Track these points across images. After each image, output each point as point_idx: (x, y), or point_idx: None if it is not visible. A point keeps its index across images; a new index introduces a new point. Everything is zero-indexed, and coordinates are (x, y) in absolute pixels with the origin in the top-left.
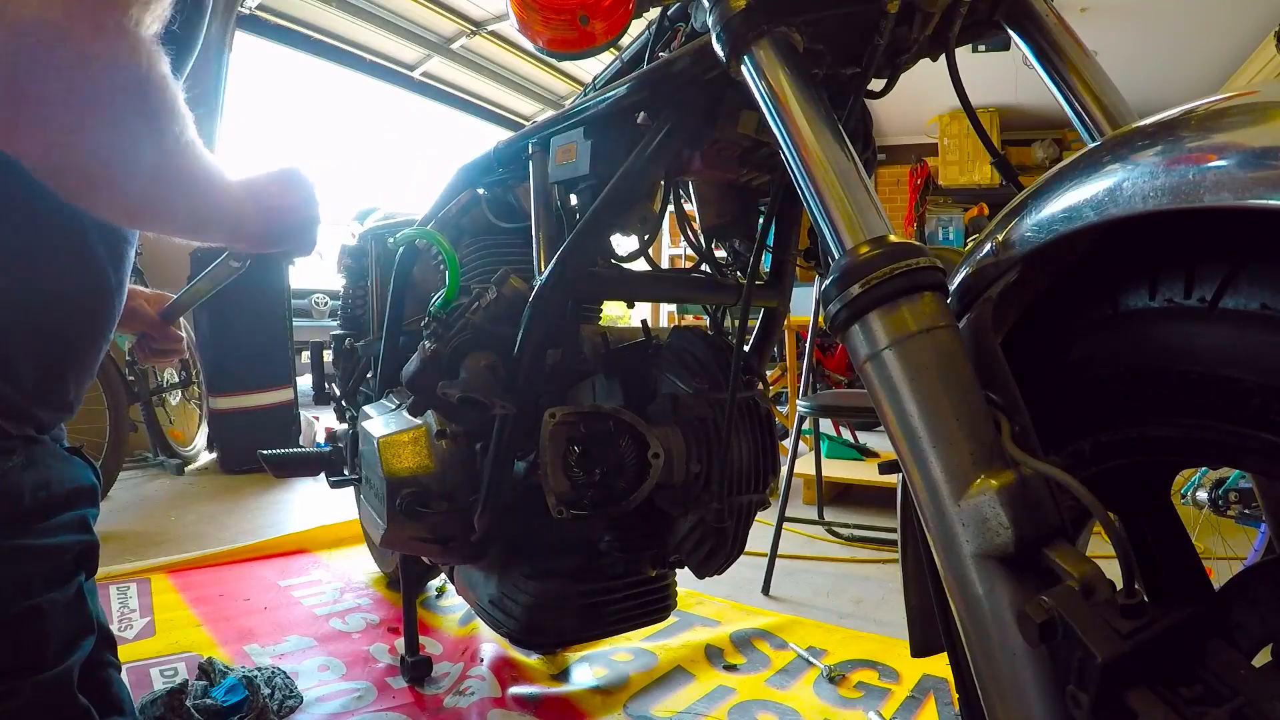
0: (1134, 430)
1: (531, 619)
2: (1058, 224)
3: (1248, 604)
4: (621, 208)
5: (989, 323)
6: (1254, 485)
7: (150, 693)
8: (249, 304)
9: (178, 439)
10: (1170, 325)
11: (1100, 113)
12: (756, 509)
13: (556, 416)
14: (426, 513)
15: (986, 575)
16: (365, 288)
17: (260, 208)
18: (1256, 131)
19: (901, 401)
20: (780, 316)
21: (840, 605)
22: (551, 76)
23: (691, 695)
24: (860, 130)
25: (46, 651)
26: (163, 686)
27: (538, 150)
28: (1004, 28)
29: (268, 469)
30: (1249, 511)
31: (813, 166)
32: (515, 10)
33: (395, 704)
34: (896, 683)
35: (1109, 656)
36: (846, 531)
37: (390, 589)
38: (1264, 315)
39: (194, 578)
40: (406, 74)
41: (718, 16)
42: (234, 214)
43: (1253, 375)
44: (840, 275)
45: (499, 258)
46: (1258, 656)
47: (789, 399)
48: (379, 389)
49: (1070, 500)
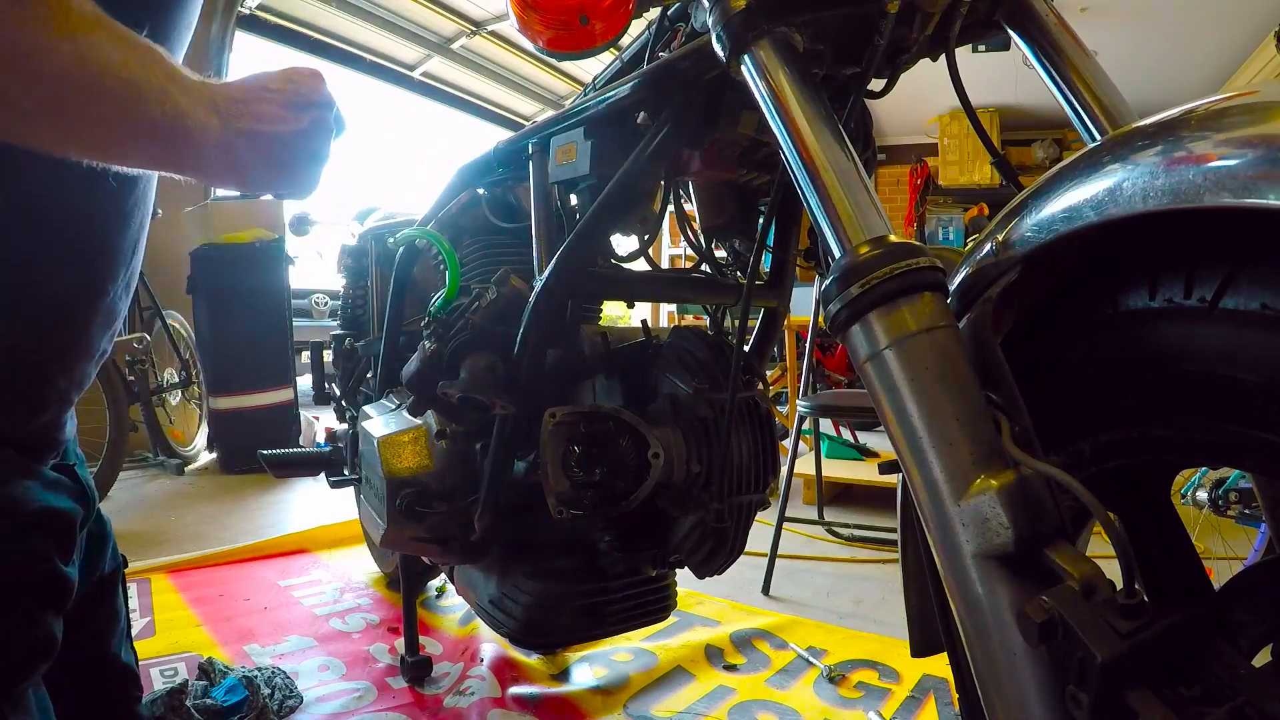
0: (1134, 430)
1: (531, 619)
2: (1058, 224)
3: (1248, 604)
4: (621, 208)
5: (989, 323)
6: (1254, 485)
7: (150, 693)
8: (249, 304)
9: (178, 439)
10: (1170, 325)
11: (1100, 113)
12: (756, 509)
13: (556, 416)
14: (426, 513)
15: (986, 575)
16: (365, 288)
17: (236, 138)
18: (1256, 131)
19: (901, 401)
20: (780, 316)
21: (840, 605)
22: (551, 76)
23: (691, 695)
24: (860, 130)
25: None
26: (163, 686)
27: (538, 150)
28: (1004, 28)
29: (268, 469)
30: (1249, 511)
31: (813, 166)
32: (515, 10)
33: (395, 704)
34: (896, 683)
35: (1109, 656)
36: (846, 531)
37: (390, 589)
38: (1264, 315)
39: (194, 578)
40: (406, 74)
41: (718, 16)
42: (188, 134)
43: (1253, 375)
44: (840, 275)
45: (499, 258)
46: (1258, 656)
47: (789, 399)
48: (379, 389)
49: (1070, 500)
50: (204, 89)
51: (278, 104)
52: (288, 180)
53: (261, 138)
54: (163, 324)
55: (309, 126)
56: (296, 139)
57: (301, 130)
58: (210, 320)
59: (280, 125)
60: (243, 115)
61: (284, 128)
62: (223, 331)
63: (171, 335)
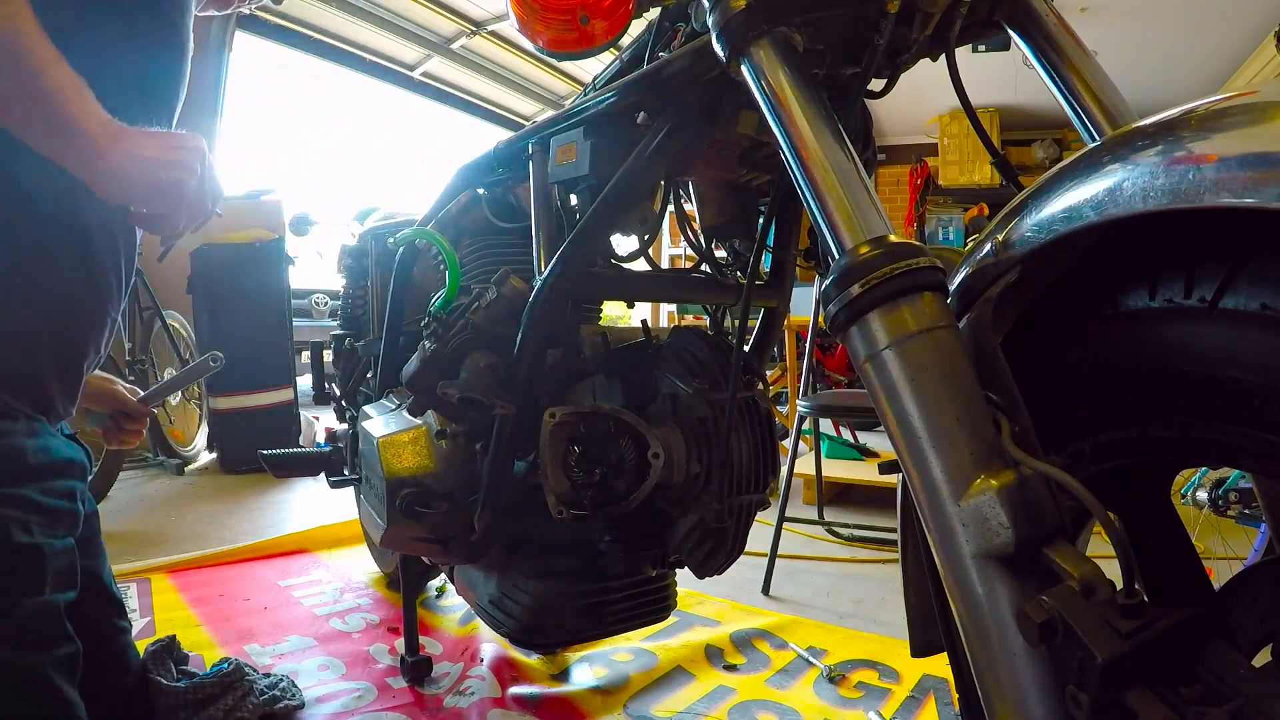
0: (1134, 430)
1: (531, 619)
2: (1058, 224)
3: (1248, 604)
4: (621, 208)
5: (989, 323)
6: (1254, 485)
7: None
8: (249, 304)
9: (178, 439)
10: (1170, 325)
11: (1100, 113)
12: (756, 509)
13: (556, 416)
14: (426, 513)
15: (986, 575)
16: (365, 288)
17: (119, 148)
18: (1257, 131)
19: (901, 401)
20: (780, 316)
21: (840, 605)
22: (551, 76)
23: (691, 695)
24: (860, 130)
25: (44, 584)
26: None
27: (538, 150)
28: (1004, 28)
29: (268, 469)
30: (1249, 511)
31: (813, 166)
32: (515, 10)
33: (395, 704)
34: (896, 683)
35: (1109, 656)
36: (846, 531)
37: (390, 589)
38: (1264, 315)
39: (194, 578)
40: (406, 74)
41: (718, 17)
42: (86, 132)
43: (1253, 375)
44: (840, 275)
45: (499, 258)
46: (1258, 656)
47: (789, 399)
48: (379, 389)
49: (1070, 500)
50: (102, 113)
51: (157, 140)
52: (159, 197)
53: (138, 157)
54: (163, 324)
55: (179, 158)
56: (167, 166)
57: (172, 160)
58: (210, 320)
59: (155, 152)
60: (127, 137)
61: (158, 155)
62: (223, 331)
63: (171, 335)
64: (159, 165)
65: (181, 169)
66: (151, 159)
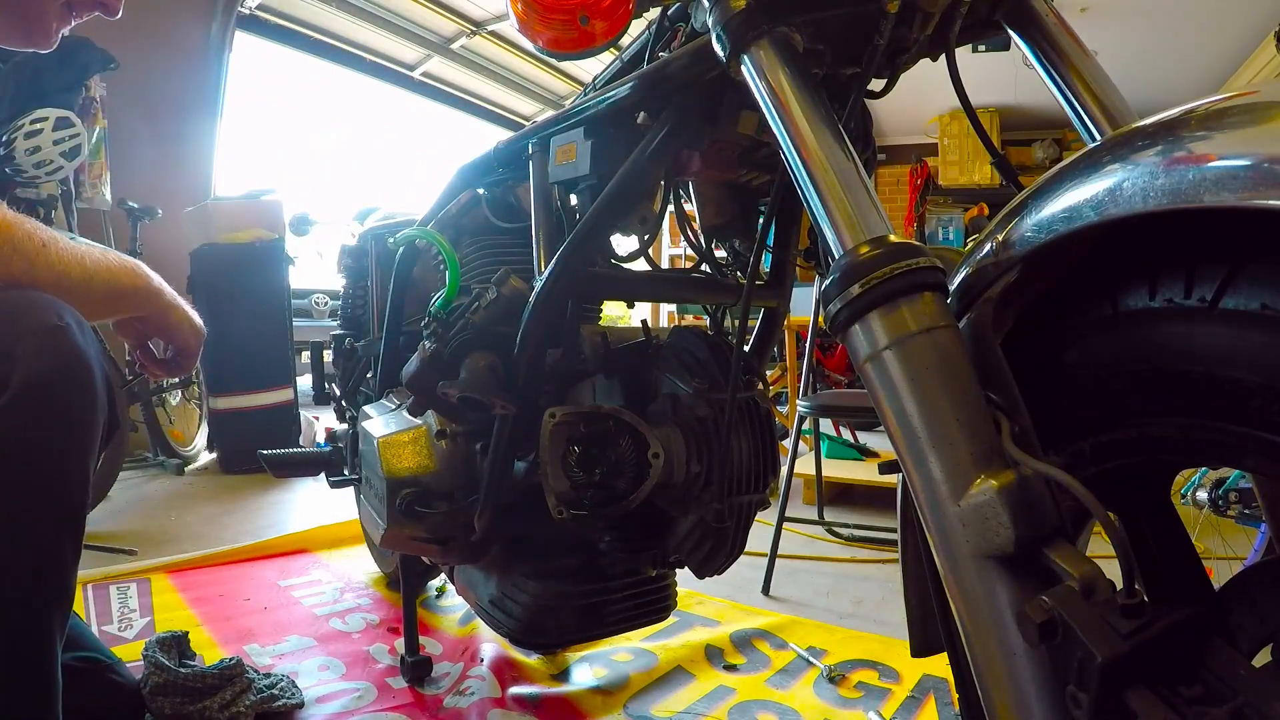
0: (1134, 430)
1: (531, 619)
2: (1058, 224)
3: (1248, 604)
4: (621, 208)
5: (989, 323)
6: (1254, 485)
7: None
8: (249, 304)
9: (178, 439)
10: (1170, 325)
11: (1100, 113)
12: (756, 509)
13: (556, 416)
14: (426, 513)
15: (986, 575)
16: (365, 288)
17: (168, 291)
18: (1256, 131)
19: (901, 401)
20: (780, 316)
21: (840, 605)
22: (551, 76)
23: (691, 695)
24: (860, 130)
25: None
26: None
27: (538, 150)
28: (1004, 28)
29: (268, 469)
30: (1249, 511)
31: (813, 166)
32: (515, 10)
33: (395, 704)
34: (896, 683)
35: (1109, 656)
36: (846, 531)
37: (390, 589)
38: (1264, 315)
39: (194, 578)
40: (406, 74)
41: (718, 16)
42: (151, 288)
43: (1253, 375)
44: (840, 275)
45: (499, 258)
46: (1258, 656)
47: (789, 399)
48: (379, 389)
49: (1070, 500)
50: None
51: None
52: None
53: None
54: None
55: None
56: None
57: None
58: (210, 320)
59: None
60: (168, 290)
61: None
62: (223, 331)
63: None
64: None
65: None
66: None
